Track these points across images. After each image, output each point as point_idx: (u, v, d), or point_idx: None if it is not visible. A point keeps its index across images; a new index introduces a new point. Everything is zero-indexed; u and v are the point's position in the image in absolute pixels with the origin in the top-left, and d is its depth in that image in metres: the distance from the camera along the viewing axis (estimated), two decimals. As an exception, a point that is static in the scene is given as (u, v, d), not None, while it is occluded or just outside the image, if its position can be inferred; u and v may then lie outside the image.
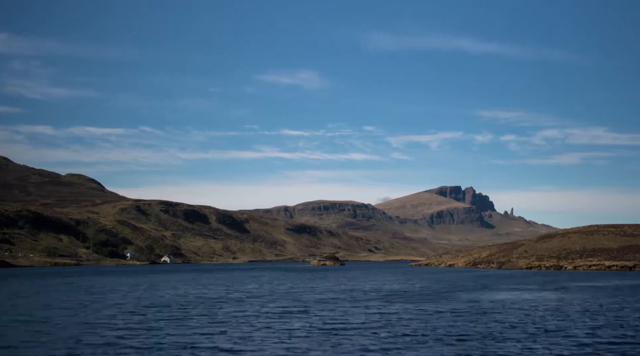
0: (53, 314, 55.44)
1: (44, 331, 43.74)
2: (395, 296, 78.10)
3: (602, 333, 42.74)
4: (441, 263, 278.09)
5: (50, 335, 41.63)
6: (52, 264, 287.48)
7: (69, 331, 43.67)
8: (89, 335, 41.52)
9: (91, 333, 42.36)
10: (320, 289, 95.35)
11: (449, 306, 62.63)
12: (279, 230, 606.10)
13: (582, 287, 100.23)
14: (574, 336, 41.44)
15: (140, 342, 38.55)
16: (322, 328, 45.06)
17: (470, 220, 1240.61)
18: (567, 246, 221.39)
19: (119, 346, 37.21)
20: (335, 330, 43.75)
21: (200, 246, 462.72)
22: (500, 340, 39.46)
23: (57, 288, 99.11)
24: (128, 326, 46.32)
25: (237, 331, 43.14)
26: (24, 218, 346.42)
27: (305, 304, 65.83)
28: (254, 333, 42.25)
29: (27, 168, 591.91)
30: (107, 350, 35.74)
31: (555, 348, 36.56)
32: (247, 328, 44.82)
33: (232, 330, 44.12)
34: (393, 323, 48.08)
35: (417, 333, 42.38)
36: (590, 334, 42.41)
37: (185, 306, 63.56)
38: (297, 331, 43.13)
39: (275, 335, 41.43)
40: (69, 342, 38.64)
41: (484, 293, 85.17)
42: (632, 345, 38.30)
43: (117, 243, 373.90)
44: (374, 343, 38.29)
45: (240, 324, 47.38)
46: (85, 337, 40.65)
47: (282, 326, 46.21)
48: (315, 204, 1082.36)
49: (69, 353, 34.99)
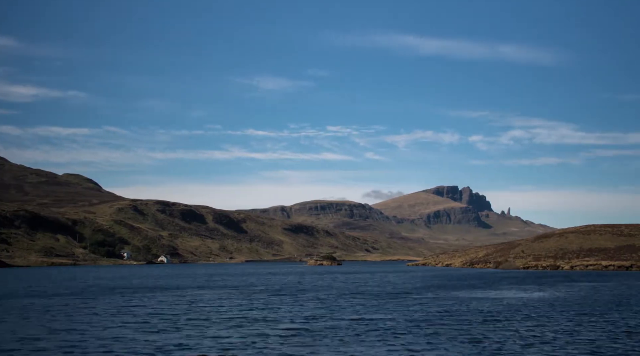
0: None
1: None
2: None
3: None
4: (438, 262, 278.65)
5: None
6: (49, 264, 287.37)
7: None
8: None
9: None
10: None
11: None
12: (276, 230, 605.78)
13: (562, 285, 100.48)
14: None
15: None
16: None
17: (467, 220, 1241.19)
18: (564, 246, 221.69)
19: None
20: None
21: (197, 246, 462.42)
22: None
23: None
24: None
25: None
26: (21, 218, 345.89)
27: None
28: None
29: (24, 168, 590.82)
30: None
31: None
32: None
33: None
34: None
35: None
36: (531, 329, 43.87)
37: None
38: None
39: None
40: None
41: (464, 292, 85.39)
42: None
43: (114, 243, 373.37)
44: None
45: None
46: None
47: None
48: (312, 204, 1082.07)
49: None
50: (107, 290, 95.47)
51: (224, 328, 45.58)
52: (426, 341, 39.13)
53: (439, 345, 37.94)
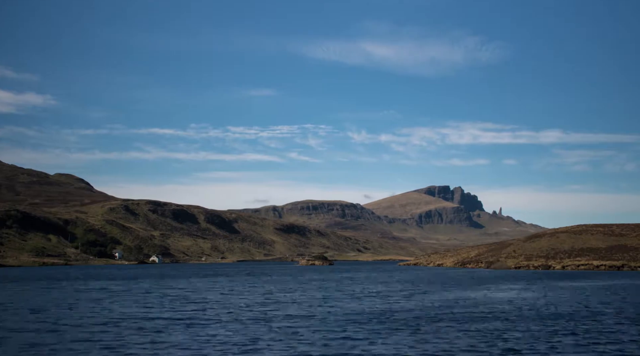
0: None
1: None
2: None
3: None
4: (430, 262, 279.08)
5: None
6: (40, 264, 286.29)
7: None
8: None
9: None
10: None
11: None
12: (267, 230, 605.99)
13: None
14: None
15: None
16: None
17: (459, 220, 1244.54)
18: (556, 246, 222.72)
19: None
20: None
21: (189, 246, 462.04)
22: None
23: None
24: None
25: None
26: (13, 218, 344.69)
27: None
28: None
29: (16, 168, 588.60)
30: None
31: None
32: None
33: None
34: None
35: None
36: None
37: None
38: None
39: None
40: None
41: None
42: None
43: (106, 243, 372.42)
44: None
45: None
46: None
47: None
48: (303, 203, 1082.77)
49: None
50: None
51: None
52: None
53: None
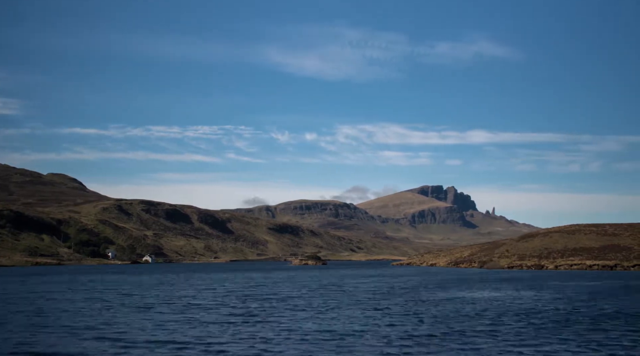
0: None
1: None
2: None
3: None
4: (423, 262, 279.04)
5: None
6: (33, 264, 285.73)
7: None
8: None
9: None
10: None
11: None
12: (260, 230, 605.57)
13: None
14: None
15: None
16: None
17: (452, 219, 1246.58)
18: (549, 246, 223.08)
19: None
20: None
21: (182, 246, 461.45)
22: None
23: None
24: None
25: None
26: (5, 218, 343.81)
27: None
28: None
29: (9, 167, 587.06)
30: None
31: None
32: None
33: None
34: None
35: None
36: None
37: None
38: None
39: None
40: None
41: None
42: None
43: (99, 243, 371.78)
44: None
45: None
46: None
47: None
48: (296, 203, 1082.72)
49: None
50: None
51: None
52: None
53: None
